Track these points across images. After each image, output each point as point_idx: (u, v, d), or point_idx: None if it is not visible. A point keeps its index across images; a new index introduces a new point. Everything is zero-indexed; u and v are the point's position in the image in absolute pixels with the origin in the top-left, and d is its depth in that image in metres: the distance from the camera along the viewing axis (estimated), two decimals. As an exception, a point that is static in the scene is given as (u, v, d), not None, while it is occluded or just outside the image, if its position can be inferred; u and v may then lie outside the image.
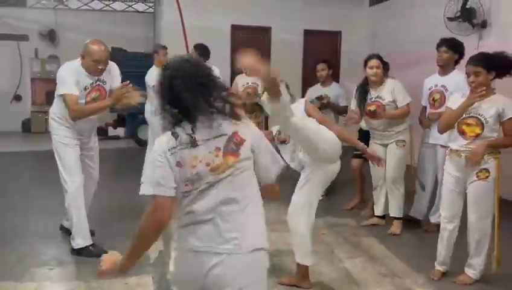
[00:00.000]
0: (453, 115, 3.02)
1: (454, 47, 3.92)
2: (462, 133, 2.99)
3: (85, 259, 3.36)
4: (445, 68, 3.95)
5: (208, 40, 5.11)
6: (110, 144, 8.66)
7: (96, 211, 3.80)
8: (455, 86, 3.74)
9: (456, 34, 5.54)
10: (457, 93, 3.22)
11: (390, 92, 3.91)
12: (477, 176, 2.96)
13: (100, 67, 3.29)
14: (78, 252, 3.38)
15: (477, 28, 5.58)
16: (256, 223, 1.67)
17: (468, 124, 2.97)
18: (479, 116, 2.94)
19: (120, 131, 9.31)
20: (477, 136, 2.94)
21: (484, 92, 2.86)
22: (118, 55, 8.69)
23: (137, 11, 10.22)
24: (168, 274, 3.12)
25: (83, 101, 3.32)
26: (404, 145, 3.99)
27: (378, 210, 4.22)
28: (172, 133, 1.61)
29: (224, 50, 8.03)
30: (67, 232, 3.68)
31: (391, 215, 4.07)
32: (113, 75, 3.53)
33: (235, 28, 8.26)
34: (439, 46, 3.99)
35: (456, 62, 3.95)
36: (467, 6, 5.59)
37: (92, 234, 3.59)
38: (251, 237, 1.63)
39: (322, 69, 4.90)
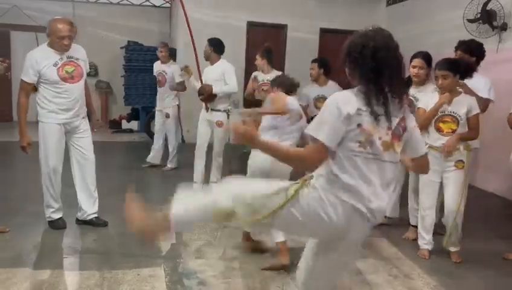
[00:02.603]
0: (428, 115, 3.40)
1: (471, 51, 3.83)
2: (438, 130, 3.40)
3: (99, 249, 3.40)
4: None
5: (223, 36, 5.11)
6: (123, 137, 8.74)
7: (102, 203, 3.86)
8: (472, 88, 3.67)
9: (476, 36, 5.47)
10: (426, 95, 3.58)
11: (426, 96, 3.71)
12: (456, 166, 3.39)
13: (65, 43, 3.44)
14: (49, 222, 3.72)
15: (497, 31, 5.51)
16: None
17: (444, 122, 3.38)
18: (454, 114, 3.35)
19: (133, 124, 9.37)
20: (453, 131, 3.36)
21: (448, 96, 3.31)
22: (134, 48, 8.79)
23: (154, 6, 10.26)
24: (183, 266, 3.14)
25: (55, 74, 3.44)
26: None
27: (388, 210, 4.19)
28: (367, 98, 1.72)
29: (240, 46, 8.05)
30: (82, 223, 3.80)
31: (411, 223, 3.99)
32: (85, 59, 3.68)
33: (251, 25, 8.26)
34: (456, 48, 3.93)
35: (478, 61, 3.86)
36: (487, 8, 5.51)
37: (105, 224, 3.79)
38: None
39: (311, 68, 5.00)
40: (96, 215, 3.81)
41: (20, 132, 3.52)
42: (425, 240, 3.58)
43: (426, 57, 3.79)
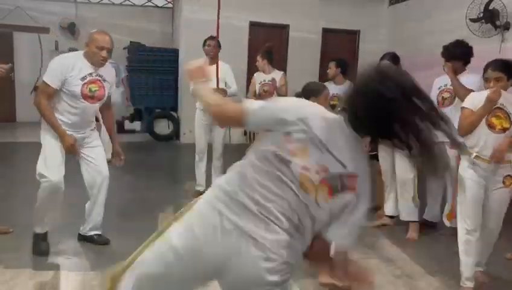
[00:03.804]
0: (474, 118, 2.89)
1: (453, 57, 3.82)
2: (490, 126, 2.86)
3: (102, 250, 3.40)
4: (454, 72, 3.87)
5: (226, 36, 5.11)
6: (126, 137, 8.75)
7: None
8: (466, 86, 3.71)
9: (478, 35, 5.48)
10: (474, 94, 3.11)
11: None
12: (503, 183, 2.90)
13: (103, 55, 3.18)
14: (34, 237, 3.35)
15: (500, 30, 5.49)
16: None
17: (497, 117, 2.86)
18: (504, 108, 2.85)
19: (136, 125, 9.38)
20: (505, 130, 2.85)
21: (499, 91, 2.82)
22: (136, 49, 8.80)
23: (157, 6, 10.28)
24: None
25: (78, 89, 3.14)
26: None
27: (387, 209, 4.21)
28: None
29: (242, 47, 8.06)
30: (82, 239, 3.56)
31: (402, 218, 4.01)
32: (113, 82, 3.41)
33: (253, 25, 8.26)
34: (442, 55, 3.91)
35: (466, 63, 3.88)
36: (490, 8, 5.49)
37: (106, 243, 3.50)
38: None
39: (329, 68, 5.09)
40: (98, 232, 3.52)
41: (60, 134, 3.16)
42: (468, 277, 2.95)
43: (394, 58, 3.89)
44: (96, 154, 3.39)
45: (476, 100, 2.93)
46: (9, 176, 5.54)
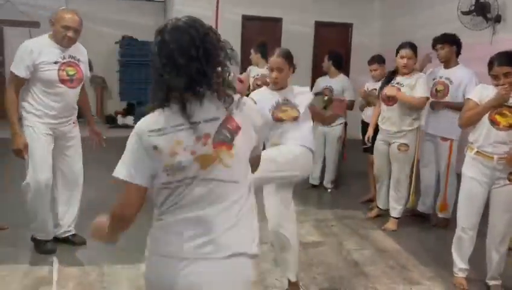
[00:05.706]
0: (478, 111, 2.73)
1: (448, 41, 3.93)
2: (493, 122, 2.69)
3: (98, 244, 3.38)
4: (448, 62, 3.97)
5: (219, 30, 5.08)
6: (119, 132, 8.71)
7: (98, 201, 3.84)
8: (460, 79, 3.83)
9: (470, 28, 5.50)
10: (480, 85, 2.96)
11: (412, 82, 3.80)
12: (509, 180, 2.72)
13: (69, 34, 3.00)
14: (35, 241, 3.23)
15: (491, 23, 5.52)
16: (242, 224, 1.44)
17: (503, 114, 2.68)
18: None
19: (129, 120, 9.34)
20: (511, 127, 2.67)
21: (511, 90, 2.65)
22: (129, 43, 8.76)
23: (148, 0, 10.21)
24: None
25: (54, 74, 3.00)
26: (406, 150, 3.83)
27: (380, 202, 4.25)
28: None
29: (235, 40, 8.03)
30: (58, 241, 3.37)
31: (391, 214, 4.05)
32: (86, 61, 3.26)
33: (246, 19, 8.24)
34: (433, 46, 4.01)
35: (457, 54, 3.97)
36: (481, 0, 5.52)
37: (84, 243, 3.37)
38: (229, 239, 1.41)
39: (323, 61, 5.15)
40: (73, 233, 3.39)
41: (13, 132, 3.03)
42: (461, 268, 2.97)
43: (414, 47, 3.85)
44: (72, 153, 3.26)
45: (483, 93, 2.77)
46: (5, 172, 5.51)
